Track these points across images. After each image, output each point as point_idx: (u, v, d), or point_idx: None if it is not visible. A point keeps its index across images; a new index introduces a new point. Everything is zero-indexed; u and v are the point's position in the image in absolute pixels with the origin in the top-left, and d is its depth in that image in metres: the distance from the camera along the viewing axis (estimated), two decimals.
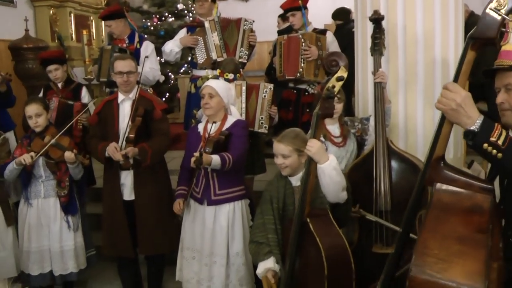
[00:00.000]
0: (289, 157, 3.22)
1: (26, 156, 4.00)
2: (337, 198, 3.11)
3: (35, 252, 4.21)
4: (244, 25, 5.31)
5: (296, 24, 5.38)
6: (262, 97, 4.48)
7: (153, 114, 4.03)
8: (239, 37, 5.29)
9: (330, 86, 2.77)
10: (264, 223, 3.29)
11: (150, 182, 4.05)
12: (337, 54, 2.89)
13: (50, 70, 5.00)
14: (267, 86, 4.51)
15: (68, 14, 8.40)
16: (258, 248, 3.24)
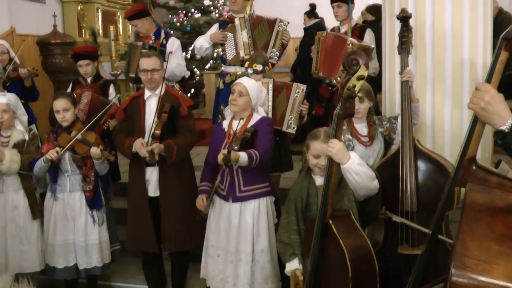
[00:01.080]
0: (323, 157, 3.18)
1: (51, 152, 4.04)
2: (369, 190, 3.05)
3: (60, 245, 4.25)
4: (278, 26, 5.25)
5: (339, 16, 5.31)
6: (294, 97, 4.40)
7: (179, 110, 4.03)
8: (271, 37, 5.23)
9: (350, 85, 2.72)
10: (288, 223, 3.30)
11: (175, 178, 4.05)
12: (357, 53, 2.83)
13: (81, 65, 5.06)
14: (300, 86, 4.42)
15: (95, 10, 8.49)
16: (284, 249, 3.27)
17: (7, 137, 4.29)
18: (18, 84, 5.19)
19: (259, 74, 4.46)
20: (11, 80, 5.18)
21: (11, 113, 4.28)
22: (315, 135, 3.25)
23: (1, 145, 4.23)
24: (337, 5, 5.36)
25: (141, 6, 5.62)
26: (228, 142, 3.72)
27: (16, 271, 4.25)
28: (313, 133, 3.30)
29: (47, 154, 4.04)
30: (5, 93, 4.38)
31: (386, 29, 4.37)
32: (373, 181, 3.03)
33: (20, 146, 4.28)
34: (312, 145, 3.23)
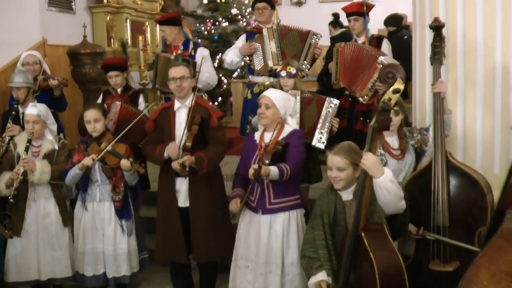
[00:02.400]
0: (345, 170, 3.18)
1: (87, 159, 4.09)
2: (396, 208, 3.06)
3: (89, 254, 4.31)
4: (311, 39, 5.26)
5: (356, 29, 5.32)
6: (326, 112, 4.38)
7: (210, 122, 4.04)
8: (303, 49, 5.25)
9: (386, 98, 2.71)
10: (314, 238, 3.27)
11: (205, 189, 4.06)
12: (394, 66, 2.82)
13: (110, 76, 5.12)
14: (333, 101, 4.40)
15: (124, 20, 8.59)
16: (310, 263, 3.25)
17: (38, 147, 4.38)
18: (48, 94, 5.27)
19: (292, 78, 4.45)
20: (41, 90, 5.26)
21: (42, 123, 4.36)
22: (332, 147, 3.28)
23: (32, 155, 4.30)
24: (354, 19, 5.35)
25: (175, 14, 5.68)
26: (260, 154, 3.72)
27: (48, 276, 4.35)
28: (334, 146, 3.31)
29: (82, 161, 4.09)
30: (36, 104, 4.45)
31: (416, 39, 4.30)
32: (400, 201, 3.04)
33: (50, 156, 4.36)
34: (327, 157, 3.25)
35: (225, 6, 9.83)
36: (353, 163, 3.17)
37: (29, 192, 4.30)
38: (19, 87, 4.86)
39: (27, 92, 4.93)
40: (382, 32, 7.29)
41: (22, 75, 4.97)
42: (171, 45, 5.53)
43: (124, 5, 8.57)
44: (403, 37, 7.40)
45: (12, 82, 4.92)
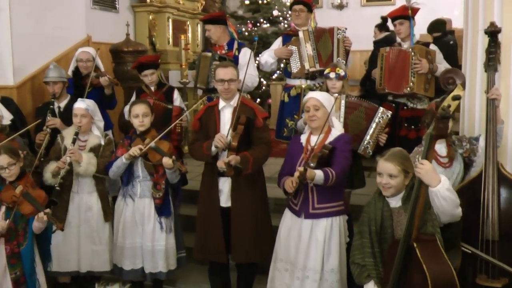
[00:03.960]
0: (396, 178, 3.12)
1: (134, 148, 4.12)
2: (452, 217, 3.00)
3: (128, 248, 4.35)
4: (337, 34, 5.24)
5: (402, 33, 5.22)
6: (377, 121, 4.33)
7: (255, 122, 4.02)
8: (333, 46, 5.21)
9: (445, 105, 2.64)
10: (362, 245, 3.23)
11: (248, 189, 4.04)
12: (454, 71, 2.75)
13: (146, 75, 5.14)
14: (385, 112, 4.34)
15: (166, 19, 8.65)
16: (360, 271, 3.23)
17: (84, 141, 4.44)
18: (99, 91, 5.33)
19: (341, 80, 4.40)
20: (93, 87, 5.32)
21: (89, 118, 4.41)
22: (383, 153, 3.23)
23: (79, 148, 4.36)
24: (399, 23, 5.25)
25: (220, 13, 5.68)
26: (305, 157, 3.68)
27: (87, 269, 4.42)
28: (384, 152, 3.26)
29: (130, 150, 4.12)
30: (85, 99, 4.51)
31: (467, 45, 4.19)
32: (457, 209, 2.97)
33: (96, 150, 4.41)
34: (378, 163, 3.21)
35: (266, 8, 9.83)
36: (405, 170, 3.11)
37: (73, 184, 4.36)
38: (55, 81, 4.95)
39: (62, 86, 5.03)
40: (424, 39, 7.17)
41: (56, 70, 5.07)
42: (216, 44, 5.52)
43: (167, 4, 8.63)
44: (448, 42, 7.28)
45: (47, 77, 5.03)
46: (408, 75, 4.92)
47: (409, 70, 4.91)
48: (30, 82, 6.13)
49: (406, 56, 4.96)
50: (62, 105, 5.00)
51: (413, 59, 4.90)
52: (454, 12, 9.16)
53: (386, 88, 4.97)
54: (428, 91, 4.97)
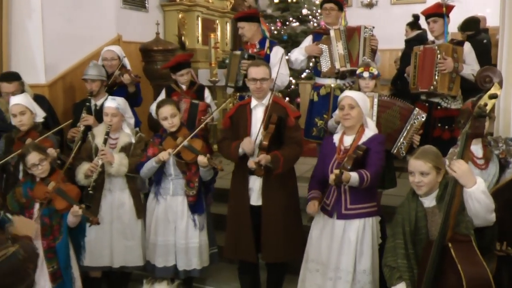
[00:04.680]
0: (428, 175, 3.07)
1: (163, 153, 4.12)
2: (485, 221, 2.93)
3: (161, 246, 4.36)
4: (364, 33, 5.18)
5: (435, 31, 5.14)
6: (412, 122, 4.28)
7: (287, 121, 3.99)
8: (360, 45, 5.15)
9: (482, 104, 2.59)
10: (395, 247, 3.18)
11: (278, 188, 4.01)
12: (491, 70, 2.67)
13: (182, 74, 5.15)
14: (421, 113, 4.28)
15: (195, 18, 8.65)
16: (391, 273, 3.19)
17: (115, 139, 4.46)
18: (124, 89, 5.38)
19: (374, 79, 4.35)
20: (118, 85, 5.37)
21: (120, 116, 4.43)
22: (413, 152, 3.19)
23: (110, 147, 4.39)
24: (433, 20, 5.17)
25: (254, 11, 5.68)
26: (338, 158, 3.65)
27: (120, 264, 4.45)
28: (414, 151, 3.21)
29: (159, 155, 4.12)
30: (115, 98, 4.53)
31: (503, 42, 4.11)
32: (491, 213, 2.91)
33: (127, 149, 4.43)
34: (408, 162, 3.16)
35: (295, 6, 9.78)
36: (436, 167, 3.06)
37: (105, 182, 4.39)
38: (94, 79, 5.00)
39: (100, 85, 5.09)
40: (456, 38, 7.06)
41: (96, 68, 5.13)
42: (248, 42, 5.49)
43: (196, 3, 8.64)
44: (482, 41, 7.14)
45: (86, 75, 5.09)
46: (433, 74, 4.86)
47: (434, 68, 4.85)
48: (61, 80, 6.21)
49: (432, 54, 4.89)
50: (98, 103, 5.05)
51: (438, 57, 4.82)
52: (486, 10, 9.00)
53: (419, 87, 4.90)
54: (452, 90, 4.89)
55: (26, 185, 3.93)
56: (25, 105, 4.35)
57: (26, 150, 3.86)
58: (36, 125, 4.46)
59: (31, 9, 5.85)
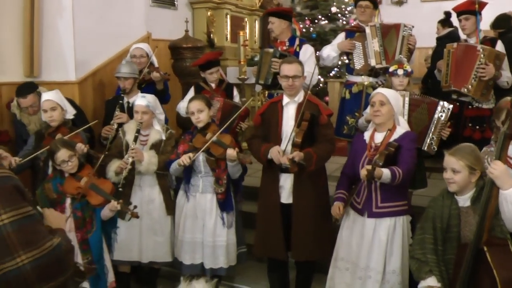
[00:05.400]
0: (459, 173, 3.02)
1: (185, 157, 4.11)
2: None
3: (188, 243, 4.36)
4: (403, 31, 5.09)
5: (467, 29, 5.04)
6: (438, 116, 4.20)
7: (319, 119, 3.96)
8: (397, 43, 5.07)
9: None
10: (423, 241, 3.14)
11: (310, 186, 3.98)
12: None
13: (212, 72, 5.15)
14: (446, 106, 4.20)
15: (224, 15, 8.67)
16: (419, 266, 3.13)
17: (146, 136, 4.47)
18: (152, 86, 5.40)
19: (408, 76, 4.29)
20: (147, 82, 5.39)
21: (150, 114, 4.45)
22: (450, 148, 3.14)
23: (140, 144, 4.41)
24: (464, 18, 5.07)
25: (288, 9, 5.62)
26: (369, 155, 3.61)
27: (149, 259, 4.47)
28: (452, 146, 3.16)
29: (180, 159, 4.12)
30: (145, 95, 4.55)
31: None
32: None
33: (157, 146, 4.44)
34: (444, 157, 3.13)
35: (324, 4, 9.74)
36: (470, 166, 3.00)
37: (135, 178, 4.42)
38: (127, 77, 5.03)
39: (133, 82, 5.11)
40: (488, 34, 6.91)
41: (129, 66, 5.15)
42: (277, 39, 5.46)
43: (225, 1, 8.64)
44: None
45: (119, 73, 5.11)
46: (470, 76, 4.73)
47: (473, 71, 4.73)
48: (91, 78, 6.28)
49: (474, 55, 4.75)
50: (131, 100, 5.07)
51: (480, 61, 4.70)
52: None
53: (452, 85, 4.80)
54: (484, 96, 4.79)
55: (55, 181, 3.97)
56: (56, 101, 4.40)
57: (55, 147, 3.89)
58: (66, 121, 4.51)
59: (62, 7, 5.92)
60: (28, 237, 1.91)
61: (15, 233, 1.89)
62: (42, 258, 1.93)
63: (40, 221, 2.06)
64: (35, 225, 1.98)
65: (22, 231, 1.91)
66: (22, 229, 1.91)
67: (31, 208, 1.99)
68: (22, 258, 1.88)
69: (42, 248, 1.93)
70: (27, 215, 1.95)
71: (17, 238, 1.89)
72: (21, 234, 1.90)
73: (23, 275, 1.88)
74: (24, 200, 1.98)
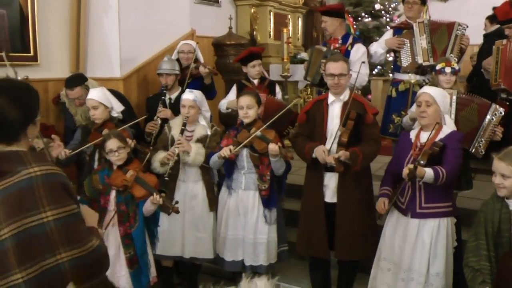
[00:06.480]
0: (510, 178, 2.94)
1: (225, 149, 4.12)
2: None
3: (230, 239, 4.38)
4: (457, 30, 4.97)
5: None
6: (489, 119, 4.10)
7: (365, 118, 3.92)
8: (449, 42, 4.97)
9: None
10: (478, 247, 3.06)
11: (354, 186, 3.95)
12: None
13: (254, 65, 5.18)
14: (498, 109, 4.10)
15: (267, 12, 8.68)
16: (473, 276, 3.06)
17: (191, 132, 4.51)
18: (198, 82, 5.46)
19: (455, 74, 4.21)
20: (193, 78, 5.44)
21: (197, 109, 4.48)
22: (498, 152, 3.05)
23: (186, 139, 4.44)
24: (507, 27, 4.93)
25: (339, 5, 5.59)
26: (414, 154, 3.56)
27: (191, 255, 4.50)
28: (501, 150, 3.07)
29: (221, 151, 4.13)
30: (193, 90, 4.59)
31: None
32: None
33: (202, 141, 4.47)
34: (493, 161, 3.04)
35: (368, 1, 9.64)
36: None
37: (179, 173, 4.46)
38: (169, 73, 5.08)
39: (174, 79, 5.17)
40: None
41: (170, 62, 5.22)
42: (331, 37, 5.42)
43: None
44: None
45: (160, 69, 5.18)
46: None
47: None
48: (135, 74, 6.38)
49: None
50: (173, 97, 5.15)
51: None
52: None
53: (501, 84, 4.67)
54: None
55: (103, 172, 4.04)
56: (98, 100, 4.42)
57: (107, 136, 3.97)
58: (112, 117, 4.56)
59: (107, 5, 6.05)
60: (70, 236, 1.95)
61: (58, 230, 1.92)
62: (82, 258, 1.96)
63: (83, 220, 2.08)
64: (78, 224, 2.02)
65: (65, 229, 1.94)
66: (65, 227, 1.94)
67: (76, 206, 2.03)
68: (62, 256, 1.91)
69: (83, 248, 1.97)
70: (71, 213, 1.98)
71: (59, 235, 1.92)
72: (64, 232, 1.93)
73: (61, 272, 1.91)
74: (70, 198, 2.02)
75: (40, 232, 1.89)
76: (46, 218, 1.90)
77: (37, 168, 1.95)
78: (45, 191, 1.92)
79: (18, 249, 1.86)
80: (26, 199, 1.90)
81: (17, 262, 1.86)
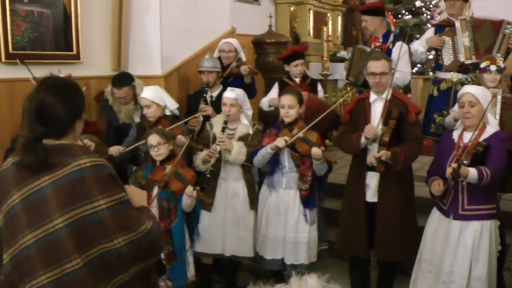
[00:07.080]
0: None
1: (280, 140, 4.13)
2: None
3: (270, 238, 4.38)
4: (505, 29, 4.86)
5: None
6: None
7: (407, 117, 3.89)
8: (496, 40, 4.85)
9: None
10: None
11: (396, 186, 3.92)
12: None
13: (296, 64, 5.15)
14: None
15: (307, 11, 8.66)
16: None
17: (233, 130, 4.54)
18: (239, 81, 5.49)
19: (501, 72, 4.14)
20: (234, 76, 5.46)
21: (238, 107, 4.51)
22: None
23: (227, 137, 4.46)
24: None
25: (379, 3, 5.55)
26: (457, 154, 3.51)
27: (231, 253, 4.53)
28: None
29: (275, 141, 4.13)
30: (234, 89, 4.62)
31: None
32: None
33: (244, 139, 4.50)
34: None
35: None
36: None
37: (221, 171, 4.49)
38: (210, 71, 5.11)
39: (216, 76, 5.20)
40: None
41: (212, 60, 5.26)
42: (371, 36, 5.38)
43: None
44: None
45: (202, 67, 5.22)
46: None
47: None
48: (176, 72, 6.43)
49: None
50: (214, 94, 5.19)
51: None
52: None
53: None
54: None
55: (147, 169, 4.13)
56: (150, 99, 4.50)
57: (150, 132, 4.03)
58: (166, 115, 4.62)
59: (149, 4, 6.12)
60: (124, 222, 2.02)
61: (112, 217, 1.99)
62: (138, 240, 2.03)
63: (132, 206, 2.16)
64: (129, 210, 2.10)
65: (118, 215, 2.01)
66: (118, 213, 2.02)
67: (125, 194, 2.11)
68: (119, 240, 1.99)
69: (137, 231, 2.04)
70: (121, 201, 2.06)
71: (114, 222, 1.99)
72: (118, 218, 2.01)
73: (119, 255, 1.99)
74: (118, 187, 2.10)
75: (95, 220, 1.96)
76: (100, 206, 1.98)
77: (86, 159, 2.03)
78: (95, 181, 2.00)
79: (75, 237, 1.93)
80: (78, 189, 1.97)
81: (75, 248, 1.93)
